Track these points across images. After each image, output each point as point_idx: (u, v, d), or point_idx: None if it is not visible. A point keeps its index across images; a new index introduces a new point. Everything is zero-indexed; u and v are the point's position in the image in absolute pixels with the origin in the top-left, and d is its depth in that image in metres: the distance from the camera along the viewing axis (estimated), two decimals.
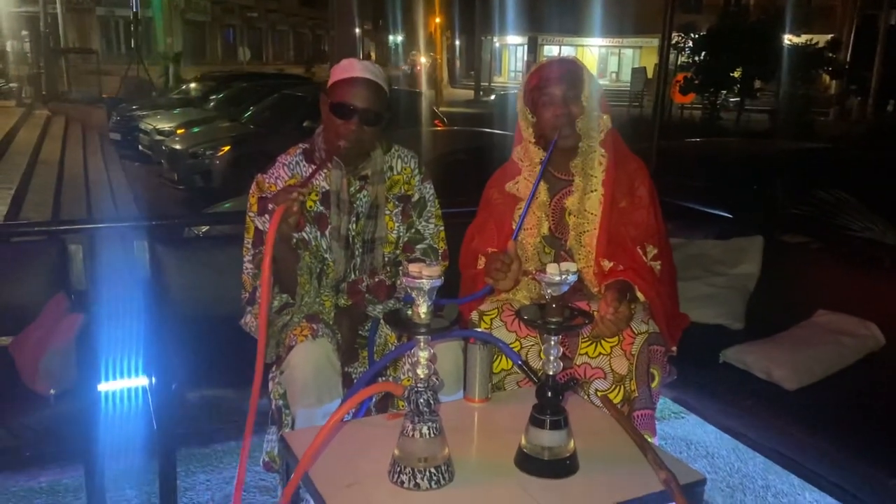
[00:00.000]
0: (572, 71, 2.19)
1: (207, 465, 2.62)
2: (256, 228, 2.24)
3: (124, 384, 2.42)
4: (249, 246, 2.26)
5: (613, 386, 2.02)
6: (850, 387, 2.31)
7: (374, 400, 2.06)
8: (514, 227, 2.25)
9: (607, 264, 2.18)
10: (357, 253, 2.27)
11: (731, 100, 20.47)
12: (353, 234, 2.25)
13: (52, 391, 2.05)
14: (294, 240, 2.19)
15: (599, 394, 2.00)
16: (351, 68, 2.15)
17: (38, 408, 2.06)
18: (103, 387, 2.32)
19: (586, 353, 2.07)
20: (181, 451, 2.54)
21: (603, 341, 2.05)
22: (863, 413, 2.17)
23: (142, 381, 2.41)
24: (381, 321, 2.23)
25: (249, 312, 2.27)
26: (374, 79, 2.15)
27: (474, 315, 2.20)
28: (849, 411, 2.17)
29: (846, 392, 2.28)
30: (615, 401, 1.99)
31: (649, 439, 1.98)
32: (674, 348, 2.30)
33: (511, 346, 2.10)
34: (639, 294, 2.13)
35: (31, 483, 2.46)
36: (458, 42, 38.47)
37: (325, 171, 2.22)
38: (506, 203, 2.33)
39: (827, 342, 2.41)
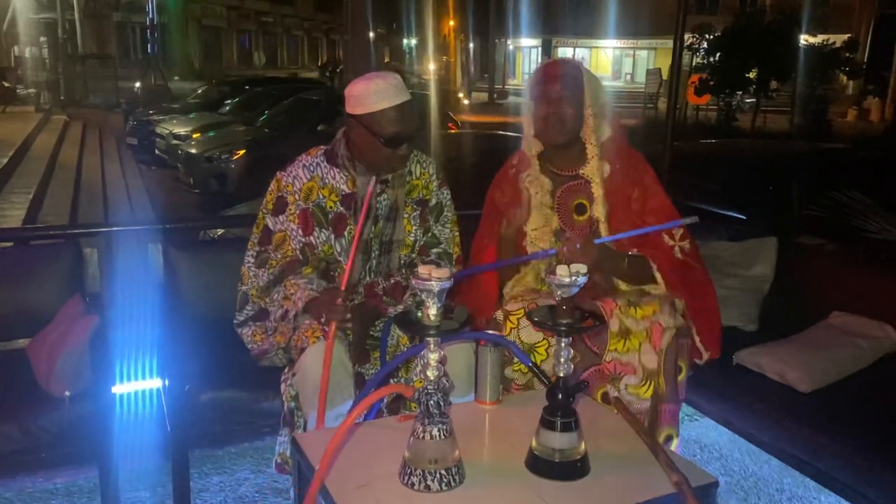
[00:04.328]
0: (571, 73, 2.22)
1: (221, 467, 2.63)
2: (266, 227, 2.26)
3: (138, 386, 2.43)
4: (255, 242, 2.28)
5: (644, 381, 2.02)
6: (866, 389, 2.29)
7: (385, 402, 2.07)
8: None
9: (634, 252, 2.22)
10: (374, 255, 2.28)
11: (747, 101, 20.31)
12: (372, 236, 2.27)
13: (66, 393, 2.07)
14: (301, 244, 2.21)
15: (630, 389, 2.00)
16: (386, 93, 2.11)
17: (53, 409, 2.08)
18: (117, 389, 2.34)
19: (615, 350, 2.07)
20: (195, 452, 2.55)
21: (632, 337, 2.05)
22: (878, 415, 2.15)
23: (155, 383, 2.42)
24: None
25: (251, 325, 2.29)
26: (408, 97, 2.16)
27: (499, 314, 2.20)
28: (864, 413, 2.16)
29: (861, 394, 2.26)
30: (646, 396, 2.00)
31: (674, 436, 1.98)
32: (705, 355, 2.27)
33: (538, 345, 2.10)
34: (656, 274, 2.16)
35: (46, 484, 2.48)
36: (471, 45, 38.45)
37: (347, 174, 2.24)
38: (510, 201, 2.33)
39: (842, 344, 2.39)
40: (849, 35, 22.28)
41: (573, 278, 1.50)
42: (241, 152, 8.81)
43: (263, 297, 2.25)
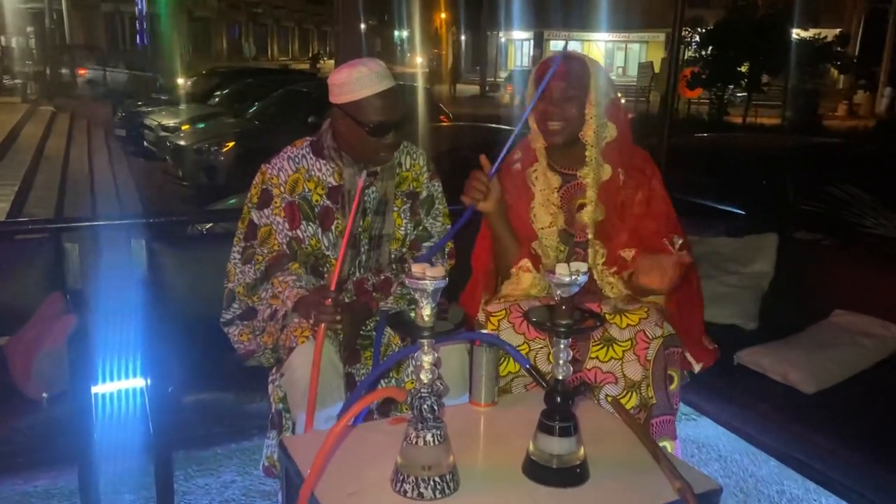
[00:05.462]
0: (576, 71, 2.11)
1: (207, 469, 2.56)
2: (251, 221, 2.20)
3: (119, 386, 2.36)
4: (241, 237, 2.23)
5: (625, 391, 1.95)
6: (870, 389, 2.24)
7: (375, 402, 2.00)
8: (528, 218, 2.21)
9: (629, 253, 2.11)
10: (363, 250, 2.21)
11: (739, 94, 20.36)
12: (360, 230, 2.20)
13: (44, 395, 2.00)
14: (287, 238, 2.15)
15: (610, 399, 1.93)
16: (370, 80, 2.04)
17: (29, 412, 2.01)
18: (98, 389, 2.26)
19: (597, 357, 2.00)
20: (180, 454, 2.49)
21: (615, 345, 1.98)
22: (883, 416, 2.10)
23: (138, 382, 2.35)
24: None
25: (238, 324, 2.23)
26: (394, 83, 2.09)
27: (481, 316, 2.14)
28: (869, 415, 2.11)
29: (866, 395, 2.21)
30: (627, 407, 1.92)
31: (670, 446, 1.91)
32: (696, 367, 2.19)
33: (519, 348, 2.03)
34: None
35: (25, 487, 2.40)
36: (463, 37, 38.35)
37: (333, 166, 2.17)
38: (515, 197, 2.25)
39: (845, 343, 2.34)
40: (840, 29, 22.31)
41: (573, 277, 1.44)
42: (231, 144, 8.73)
43: (251, 296, 2.18)
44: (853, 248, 2.95)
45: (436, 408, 1.42)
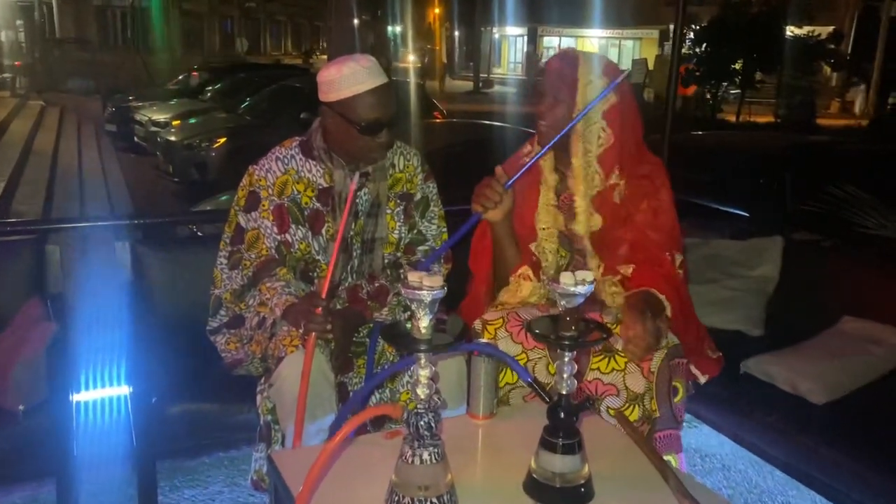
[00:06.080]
0: (564, 69, 2.01)
1: (194, 480, 2.47)
2: (238, 225, 2.11)
3: (101, 394, 2.27)
4: (228, 241, 2.14)
5: (627, 404, 1.86)
6: (881, 400, 2.16)
7: None
8: (532, 218, 2.13)
9: (627, 269, 2.02)
10: (355, 254, 2.12)
11: (732, 92, 20.34)
12: (352, 233, 2.11)
13: (20, 407, 1.90)
14: (276, 243, 2.07)
15: (612, 412, 1.85)
16: (360, 77, 1.96)
17: (6, 424, 1.91)
18: (79, 397, 2.17)
19: (598, 369, 1.91)
20: (166, 463, 2.40)
21: (617, 356, 1.90)
22: (894, 428, 2.02)
23: (121, 390, 2.26)
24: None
25: (224, 333, 2.15)
26: (386, 79, 2.01)
27: (477, 324, 2.05)
28: (879, 426, 2.04)
29: (877, 406, 2.13)
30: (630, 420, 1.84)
31: (674, 460, 1.83)
32: (702, 379, 2.12)
33: (517, 358, 1.95)
34: (664, 301, 1.96)
35: (3, 501, 2.31)
36: (456, 33, 38.19)
37: (324, 167, 2.09)
38: (521, 190, 2.16)
39: (855, 352, 2.26)
40: (833, 27, 22.31)
41: (578, 287, 1.36)
42: (222, 140, 8.63)
43: (238, 303, 2.09)
44: (859, 251, 2.87)
45: (433, 425, 1.34)
